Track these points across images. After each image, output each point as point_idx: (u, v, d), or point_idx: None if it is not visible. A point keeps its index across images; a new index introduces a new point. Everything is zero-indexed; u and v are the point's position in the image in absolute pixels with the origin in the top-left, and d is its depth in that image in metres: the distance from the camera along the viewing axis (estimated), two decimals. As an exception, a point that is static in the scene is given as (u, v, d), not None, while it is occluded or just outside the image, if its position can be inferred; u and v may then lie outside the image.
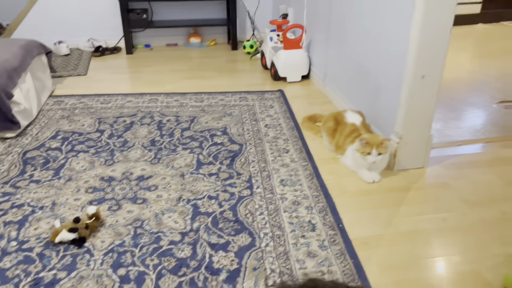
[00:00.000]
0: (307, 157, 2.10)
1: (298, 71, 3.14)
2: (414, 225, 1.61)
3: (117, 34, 3.95)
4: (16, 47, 2.50)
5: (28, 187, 1.83)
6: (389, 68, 2.02)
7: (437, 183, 1.89)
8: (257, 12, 4.13)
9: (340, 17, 2.58)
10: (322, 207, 1.71)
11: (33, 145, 2.19)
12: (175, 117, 2.54)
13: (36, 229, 1.57)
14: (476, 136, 2.33)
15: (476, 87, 3.06)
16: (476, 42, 4.31)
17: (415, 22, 1.73)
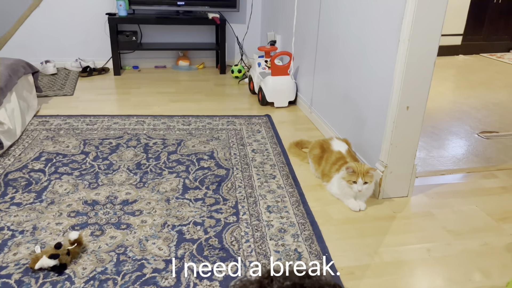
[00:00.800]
0: (293, 183, 2.11)
1: (285, 97, 3.18)
2: (399, 255, 1.62)
3: (105, 54, 3.96)
4: (3, 67, 2.48)
5: (8, 210, 1.79)
6: (374, 98, 2.06)
7: (421, 212, 1.91)
8: (245, 38, 4.20)
9: (326, 47, 2.64)
10: (308, 235, 1.71)
11: (16, 166, 2.14)
12: (161, 140, 2.53)
13: (16, 255, 1.53)
14: (458, 166, 2.38)
15: (458, 117, 3.14)
16: (457, 73, 4.45)
17: (400, 55, 1.78)
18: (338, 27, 2.46)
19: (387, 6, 1.89)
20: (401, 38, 1.76)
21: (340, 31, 2.43)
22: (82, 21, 3.84)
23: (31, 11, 3.72)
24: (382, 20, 1.95)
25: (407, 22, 1.72)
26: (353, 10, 2.25)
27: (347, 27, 2.33)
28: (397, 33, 1.80)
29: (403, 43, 1.75)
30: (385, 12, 1.91)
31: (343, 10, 2.37)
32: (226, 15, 4.02)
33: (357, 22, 2.21)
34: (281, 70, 3.13)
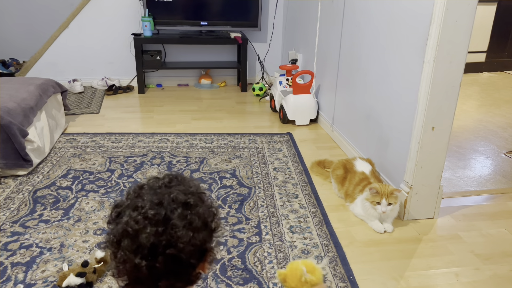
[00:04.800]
0: (316, 203, 2.10)
1: (307, 115, 3.19)
2: (426, 280, 1.59)
3: (130, 73, 4.06)
4: (33, 86, 2.57)
5: (37, 226, 1.83)
6: (398, 119, 2.05)
7: (448, 235, 1.87)
8: (266, 56, 4.25)
9: (349, 66, 2.65)
10: (332, 257, 1.69)
11: (44, 183, 2.20)
12: (184, 158, 2.56)
13: (44, 272, 1.56)
14: (485, 187, 2.32)
15: (483, 135, 3.08)
16: (481, 90, 4.38)
17: (425, 75, 1.77)
18: (360, 47, 2.47)
19: (412, 26, 1.89)
20: (426, 59, 1.76)
21: (363, 50, 2.44)
22: (108, 41, 3.96)
23: (60, 32, 3.87)
24: (406, 40, 1.95)
25: (432, 43, 1.72)
26: (376, 30, 2.26)
27: (370, 47, 2.34)
28: (421, 54, 1.80)
29: (428, 64, 1.75)
30: (410, 32, 1.91)
31: (366, 30, 2.38)
32: (248, 35, 4.08)
33: (381, 42, 2.21)
34: (303, 88, 3.14)
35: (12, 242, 1.72)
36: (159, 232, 0.74)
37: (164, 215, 0.76)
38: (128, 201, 0.80)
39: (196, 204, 0.80)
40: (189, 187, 0.83)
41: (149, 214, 0.75)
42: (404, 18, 1.96)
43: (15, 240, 1.73)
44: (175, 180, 0.84)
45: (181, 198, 0.79)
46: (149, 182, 0.84)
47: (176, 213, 0.77)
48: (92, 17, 3.86)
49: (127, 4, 3.88)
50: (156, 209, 0.76)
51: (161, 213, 0.76)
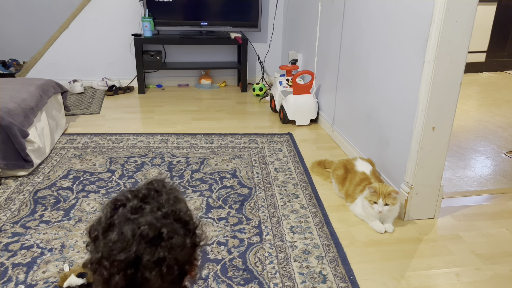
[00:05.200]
0: (316, 203, 2.10)
1: (307, 115, 3.19)
2: (427, 280, 1.59)
3: (130, 74, 4.06)
4: (34, 87, 2.58)
5: (38, 227, 1.83)
6: (398, 119, 2.05)
7: (448, 235, 1.87)
8: (267, 57, 4.25)
9: (349, 66, 2.65)
10: (332, 257, 1.69)
11: (45, 184, 2.21)
12: (185, 158, 2.56)
13: (45, 273, 1.56)
14: (485, 187, 2.32)
15: (484, 135, 3.08)
16: (481, 90, 4.38)
17: (425, 76, 1.78)
18: (361, 47, 2.47)
19: (412, 27, 1.90)
20: (426, 59, 1.76)
21: (363, 50, 2.44)
22: (108, 42, 3.96)
23: (60, 32, 3.87)
24: (406, 40, 1.95)
25: (432, 43, 1.72)
26: (377, 30, 2.26)
27: (371, 47, 2.34)
28: (422, 54, 1.80)
29: (428, 64, 1.75)
30: (410, 33, 1.91)
31: (366, 30, 2.38)
32: (248, 35, 4.09)
33: (381, 42, 2.22)
34: (303, 88, 3.14)
35: (13, 243, 1.72)
36: (129, 274, 0.74)
37: (134, 257, 0.74)
38: (100, 226, 0.78)
39: (171, 236, 0.77)
40: (163, 208, 0.80)
41: (117, 260, 0.74)
42: (404, 18, 1.97)
43: (16, 241, 1.73)
44: (148, 198, 0.81)
45: (151, 233, 0.75)
46: (121, 199, 0.81)
47: (145, 252, 0.74)
48: (92, 17, 3.86)
49: (127, 5, 3.88)
50: (124, 252, 0.74)
51: (130, 256, 0.74)
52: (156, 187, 0.84)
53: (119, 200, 0.81)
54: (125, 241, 0.74)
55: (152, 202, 0.80)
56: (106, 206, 0.81)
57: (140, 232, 0.75)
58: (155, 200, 0.81)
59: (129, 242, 0.74)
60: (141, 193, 0.81)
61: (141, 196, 0.81)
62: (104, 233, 0.77)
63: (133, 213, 0.78)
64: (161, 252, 0.75)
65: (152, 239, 0.75)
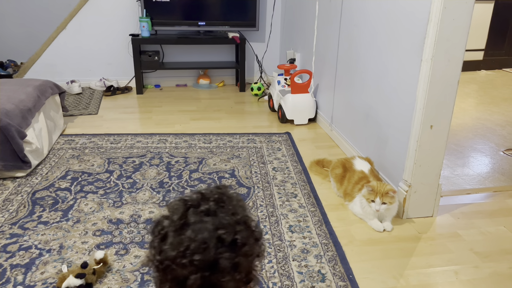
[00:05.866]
0: (315, 202, 2.10)
1: (305, 115, 3.19)
2: (426, 278, 1.59)
3: (128, 74, 4.06)
4: (31, 88, 2.57)
5: (36, 228, 1.83)
6: (396, 117, 2.05)
7: (447, 233, 1.87)
8: (265, 56, 4.25)
9: (347, 65, 2.65)
10: (331, 256, 1.69)
11: (43, 185, 2.20)
12: (183, 158, 2.56)
13: (43, 274, 1.56)
14: (484, 185, 2.33)
15: (482, 133, 3.09)
16: (479, 88, 4.39)
17: (423, 74, 1.78)
18: (359, 46, 2.47)
19: (409, 25, 1.90)
20: (424, 58, 1.76)
21: (361, 49, 2.44)
22: (106, 42, 3.95)
23: (58, 33, 3.86)
24: (404, 39, 1.95)
25: (429, 42, 1.72)
26: (374, 29, 2.26)
27: (368, 46, 2.34)
28: (419, 52, 1.80)
29: (426, 63, 1.75)
30: (407, 31, 1.91)
31: (364, 29, 2.38)
32: (246, 34, 4.08)
33: (378, 41, 2.22)
34: (301, 88, 3.14)
35: (11, 244, 1.72)
36: (206, 276, 0.73)
37: (212, 260, 0.73)
38: (171, 225, 0.77)
39: (244, 242, 0.77)
40: (237, 214, 0.79)
41: (196, 260, 0.72)
42: (401, 17, 1.97)
43: (14, 242, 1.73)
44: (221, 203, 0.80)
45: (229, 238, 0.75)
46: (193, 200, 0.80)
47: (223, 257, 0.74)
48: (90, 18, 3.85)
49: (124, 5, 3.87)
50: (203, 253, 0.73)
51: (209, 258, 0.73)
52: (226, 192, 0.83)
53: (190, 200, 0.80)
54: (203, 243, 0.73)
55: (225, 206, 0.79)
56: (176, 205, 0.80)
57: (219, 236, 0.74)
58: (228, 205, 0.80)
59: (207, 244, 0.73)
60: (213, 196, 0.80)
61: (213, 200, 0.80)
62: (177, 232, 0.75)
63: (207, 215, 0.77)
64: (237, 258, 0.75)
65: (229, 244, 0.75)
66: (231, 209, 0.79)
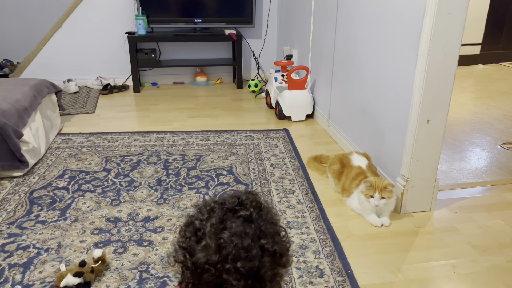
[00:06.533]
0: (313, 198, 2.10)
1: (303, 111, 3.19)
2: (424, 272, 1.59)
3: (125, 72, 4.05)
4: (27, 87, 2.56)
5: (34, 227, 1.83)
6: (393, 112, 2.05)
7: (445, 227, 1.87)
8: (261, 53, 4.24)
9: (343, 61, 2.64)
10: (329, 251, 1.70)
11: (40, 184, 2.20)
12: (181, 156, 2.56)
13: (41, 273, 1.56)
14: (481, 179, 2.33)
15: (479, 128, 3.09)
16: (476, 83, 4.39)
17: (419, 68, 1.77)
18: (355, 42, 2.46)
19: (405, 20, 1.89)
20: (420, 52, 1.76)
21: (357, 45, 2.44)
22: (102, 40, 3.94)
23: (53, 31, 3.85)
24: (399, 34, 1.95)
25: (425, 36, 1.71)
26: (370, 24, 2.26)
27: (365, 41, 2.34)
28: (415, 47, 1.80)
29: (422, 57, 1.75)
30: (403, 26, 1.91)
31: (360, 24, 2.38)
32: (243, 31, 4.07)
33: (375, 36, 2.21)
34: (298, 84, 3.14)
35: (9, 244, 1.72)
36: (249, 284, 0.72)
37: (256, 268, 0.72)
38: (210, 228, 0.75)
39: (282, 252, 0.77)
40: (274, 224, 0.79)
41: (242, 268, 0.71)
42: (397, 11, 1.96)
43: (12, 242, 1.73)
44: (260, 210, 0.79)
45: (271, 248, 0.75)
46: (230, 204, 0.79)
47: (266, 266, 0.73)
48: (86, 16, 3.84)
49: (120, 3, 3.86)
50: (247, 260, 0.72)
51: (253, 266, 0.72)
52: (258, 199, 0.82)
53: (227, 204, 0.79)
54: (247, 250, 0.73)
55: (263, 215, 0.79)
56: (212, 208, 0.78)
57: (262, 245, 0.74)
58: (267, 214, 0.80)
59: (251, 252, 0.73)
60: (251, 203, 0.80)
61: (252, 206, 0.79)
62: (217, 236, 0.74)
63: (247, 221, 0.77)
64: (277, 268, 0.75)
65: (271, 254, 0.75)
66: (269, 218, 0.79)
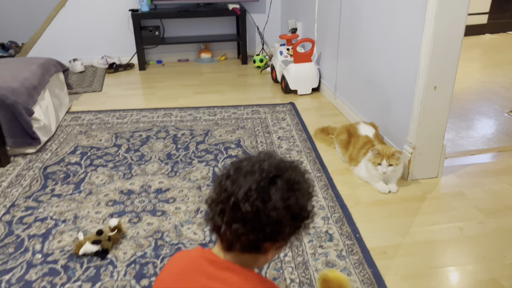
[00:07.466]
0: (321, 168, 2.13)
1: (309, 84, 3.18)
2: (431, 235, 1.63)
3: (129, 51, 4.04)
4: (35, 66, 2.58)
5: (50, 201, 1.88)
6: (400, 80, 2.05)
7: (451, 192, 1.90)
8: (266, 27, 4.21)
9: (349, 31, 2.63)
10: (338, 217, 1.73)
11: (53, 160, 2.24)
12: (189, 130, 2.59)
13: (60, 242, 1.61)
14: (488, 145, 2.34)
15: (486, 96, 3.08)
16: (484, 52, 4.34)
17: (426, 34, 1.77)
18: (361, 11, 2.44)
19: (411, -14, 1.87)
20: (427, 17, 1.75)
21: (363, 14, 2.42)
22: (106, 18, 3.93)
23: (57, 11, 3.84)
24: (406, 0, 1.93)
25: (433, 0, 1.70)
26: (375, -8, 2.24)
27: (371, 10, 2.32)
28: (422, 12, 1.79)
29: (429, 22, 1.74)
30: (409, -8, 1.89)
31: (365, -7, 2.35)
32: (246, 5, 4.03)
33: (381, 4, 2.19)
34: (304, 57, 3.13)
35: (27, 216, 1.77)
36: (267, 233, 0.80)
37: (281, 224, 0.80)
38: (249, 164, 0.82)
39: (307, 220, 0.85)
40: (309, 193, 0.85)
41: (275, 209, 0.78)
42: (404, -23, 1.94)
43: (29, 214, 1.78)
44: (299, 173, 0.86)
45: (303, 212, 0.83)
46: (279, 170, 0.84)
47: (289, 223, 0.80)
48: (88, -6, 3.82)
49: (122, -20, 3.83)
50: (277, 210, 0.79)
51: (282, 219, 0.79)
52: (298, 166, 0.87)
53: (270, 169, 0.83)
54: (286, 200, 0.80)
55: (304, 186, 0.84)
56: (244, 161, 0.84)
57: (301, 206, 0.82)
58: (307, 187, 0.85)
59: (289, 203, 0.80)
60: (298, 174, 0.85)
61: (292, 170, 0.84)
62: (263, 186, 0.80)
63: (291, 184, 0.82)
64: (295, 231, 0.84)
65: (298, 216, 0.82)
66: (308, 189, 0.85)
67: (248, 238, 0.79)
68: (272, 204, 0.77)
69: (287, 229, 0.81)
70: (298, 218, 0.82)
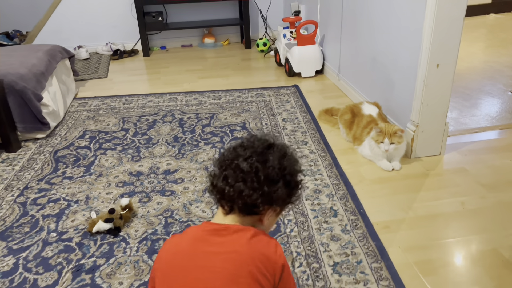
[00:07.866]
0: (325, 148, 2.16)
1: (312, 66, 3.20)
2: (433, 209, 1.67)
3: (133, 37, 4.06)
4: (41, 53, 2.61)
5: (62, 183, 1.94)
6: (403, 59, 2.07)
7: (454, 169, 1.93)
8: (269, 11, 4.20)
9: (352, 12, 2.63)
10: (342, 194, 1.78)
11: (63, 144, 2.29)
12: (195, 114, 2.62)
13: (73, 221, 1.67)
14: (491, 123, 2.36)
15: (490, 76, 3.08)
16: (488, 32, 4.32)
17: (429, 11, 1.78)
18: (363, -9, 2.44)
19: (413, -36, 1.88)
20: (429, -5, 1.76)
21: (365, -6, 2.42)
22: (109, 5, 3.94)
23: (60, -1, 3.85)
24: (408, -21, 1.94)
25: (434, -22, 1.71)
26: (378, -29, 2.24)
27: (373, -10, 2.32)
28: (424, -9, 1.79)
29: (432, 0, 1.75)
30: (412, -30, 1.90)
31: (368, -28, 2.35)
32: (249, -11, 4.02)
33: (383, -17, 2.19)
34: (307, 39, 3.14)
35: (41, 198, 1.83)
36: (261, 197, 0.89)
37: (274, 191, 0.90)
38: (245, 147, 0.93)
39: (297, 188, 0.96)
40: (297, 164, 0.97)
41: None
42: (406, -45, 1.94)
43: (43, 196, 1.84)
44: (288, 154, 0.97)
45: (293, 178, 0.94)
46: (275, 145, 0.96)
47: (283, 192, 0.91)
48: (91, -19, 3.82)
49: (124, -34, 3.82)
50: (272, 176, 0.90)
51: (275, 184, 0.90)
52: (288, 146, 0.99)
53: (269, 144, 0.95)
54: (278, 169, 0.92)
55: (291, 158, 0.95)
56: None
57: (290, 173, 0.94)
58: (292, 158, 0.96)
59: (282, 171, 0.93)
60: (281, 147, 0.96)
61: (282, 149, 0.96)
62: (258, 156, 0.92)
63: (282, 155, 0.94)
64: (287, 199, 0.96)
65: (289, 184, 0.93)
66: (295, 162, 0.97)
67: (249, 196, 0.88)
68: (270, 164, 0.89)
69: (281, 191, 0.90)
70: (291, 184, 0.93)
